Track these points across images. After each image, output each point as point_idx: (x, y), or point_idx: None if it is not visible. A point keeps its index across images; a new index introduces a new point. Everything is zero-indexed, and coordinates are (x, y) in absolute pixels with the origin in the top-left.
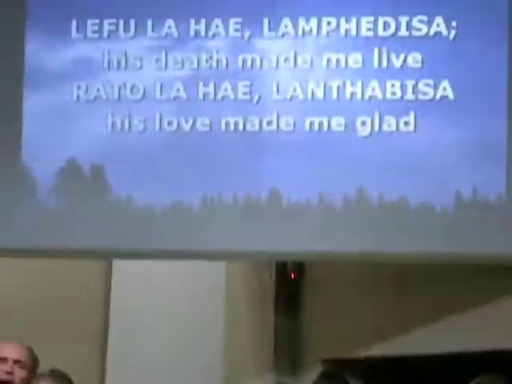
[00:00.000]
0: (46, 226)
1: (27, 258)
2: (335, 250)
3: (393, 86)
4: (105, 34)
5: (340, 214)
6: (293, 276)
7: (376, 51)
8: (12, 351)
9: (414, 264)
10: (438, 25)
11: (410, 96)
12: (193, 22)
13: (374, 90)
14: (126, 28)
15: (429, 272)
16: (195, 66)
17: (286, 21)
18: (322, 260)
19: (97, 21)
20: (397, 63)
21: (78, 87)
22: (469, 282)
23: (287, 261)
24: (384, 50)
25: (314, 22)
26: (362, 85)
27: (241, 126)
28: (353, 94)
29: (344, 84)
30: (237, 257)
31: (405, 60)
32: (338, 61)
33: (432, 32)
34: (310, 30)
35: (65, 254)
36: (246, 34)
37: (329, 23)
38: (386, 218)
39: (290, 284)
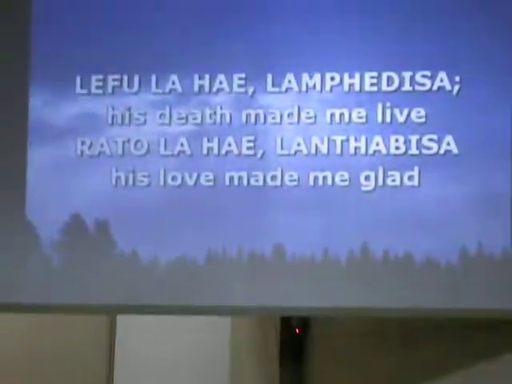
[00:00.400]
0: (50, 282)
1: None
2: (340, 306)
3: (397, 140)
4: (109, 89)
5: (345, 270)
6: (298, 331)
7: (380, 106)
8: None
9: (418, 319)
10: (441, 80)
11: (414, 151)
12: (197, 77)
13: (377, 144)
14: (130, 83)
15: (434, 326)
16: (199, 121)
17: (290, 76)
18: (326, 315)
19: (101, 76)
20: (400, 118)
21: (82, 143)
22: (479, 337)
23: (292, 315)
24: (388, 105)
25: (317, 77)
26: (366, 140)
27: (245, 181)
28: (357, 149)
29: (348, 139)
30: (241, 312)
31: (408, 115)
32: (341, 116)
33: (435, 87)
34: (314, 86)
35: (69, 310)
36: (250, 90)
37: (332, 78)
38: (390, 273)
39: (294, 338)
